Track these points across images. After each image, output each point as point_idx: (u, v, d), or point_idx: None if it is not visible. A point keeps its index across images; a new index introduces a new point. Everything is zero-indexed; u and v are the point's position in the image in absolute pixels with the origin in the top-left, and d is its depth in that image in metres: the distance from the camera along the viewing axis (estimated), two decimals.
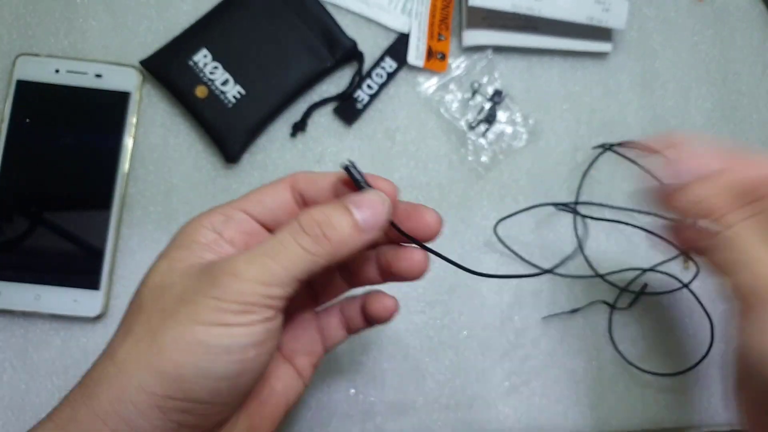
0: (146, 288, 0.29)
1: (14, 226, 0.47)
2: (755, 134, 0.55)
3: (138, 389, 0.26)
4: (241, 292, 0.27)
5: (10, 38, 0.50)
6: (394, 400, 0.48)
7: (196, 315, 0.27)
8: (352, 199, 0.30)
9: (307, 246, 0.28)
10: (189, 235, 0.30)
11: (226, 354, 0.27)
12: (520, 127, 0.53)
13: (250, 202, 0.32)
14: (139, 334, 0.28)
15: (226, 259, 0.28)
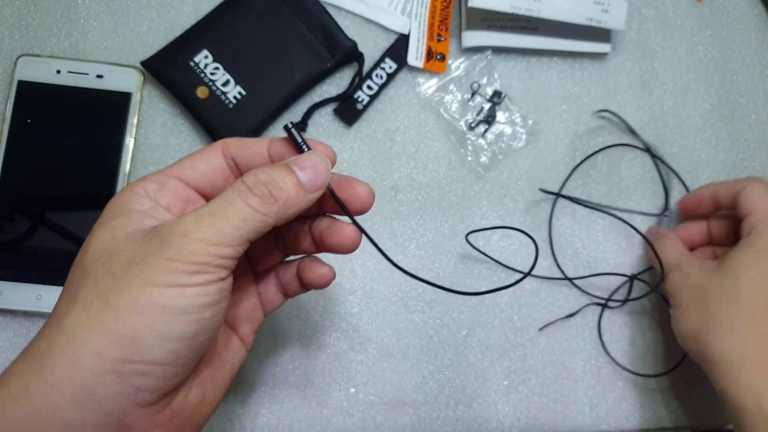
0: (88, 255, 0.28)
1: (16, 226, 0.47)
2: (753, 135, 0.55)
3: (94, 355, 0.26)
4: (193, 252, 0.27)
5: (12, 39, 0.50)
6: (394, 400, 0.48)
7: (150, 277, 0.26)
8: (294, 160, 0.31)
9: (255, 205, 0.28)
10: (124, 204, 0.30)
11: (183, 314, 0.27)
12: (519, 127, 0.53)
13: (182, 168, 0.32)
14: (87, 300, 0.27)
15: (174, 221, 0.28)
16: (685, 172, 0.54)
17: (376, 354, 0.49)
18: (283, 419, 0.47)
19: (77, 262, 0.29)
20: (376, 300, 0.50)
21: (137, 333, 0.26)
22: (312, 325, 0.49)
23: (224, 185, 0.32)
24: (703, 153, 0.54)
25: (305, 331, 0.49)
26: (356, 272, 0.50)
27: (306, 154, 0.31)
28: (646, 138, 0.53)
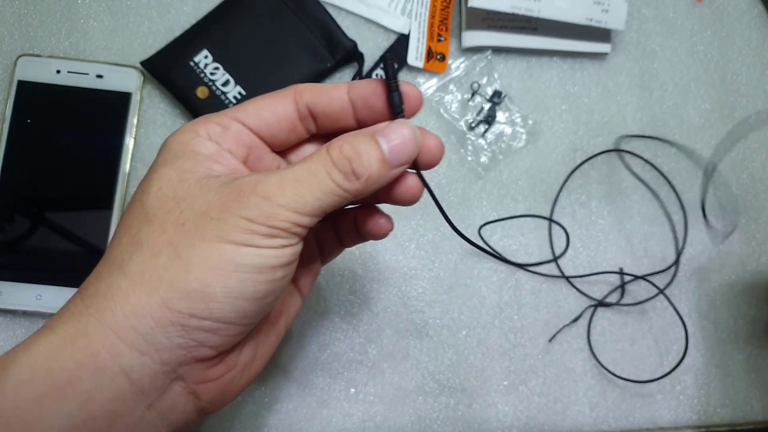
0: (154, 197, 0.27)
1: (16, 226, 0.47)
2: (753, 135, 0.55)
3: (160, 306, 0.25)
4: (272, 215, 0.26)
5: (12, 39, 0.50)
6: (394, 400, 0.48)
7: (226, 233, 0.26)
8: (381, 130, 0.29)
9: (338, 180, 0.27)
10: (186, 145, 0.29)
11: (256, 273, 0.26)
12: (519, 127, 0.53)
13: (246, 113, 0.30)
14: (155, 247, 0.26)
15: (254, 178, 0.27)
16: (686, 172, 0.54)
17: (376, 354, 0.49)
18: (283, 419, 0.47)
19: (136, 201, 0.28)
20: (376, 300, 0.49)
21: (208, 288, 0.26)
22: (312, 325, 0.49)
23: (289, 135, 0.31)
24: (703, 153, 0.54)
25: (305, 331, 0.49)
26: (356, 272, 0.50)
27: (395, 124, 0.30)
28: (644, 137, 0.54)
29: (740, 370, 0.51)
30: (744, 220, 0.54)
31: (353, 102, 0.31)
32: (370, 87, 0.31)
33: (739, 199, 0.54)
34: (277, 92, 0.31)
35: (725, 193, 0.53)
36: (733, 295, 0.52)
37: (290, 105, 0.31)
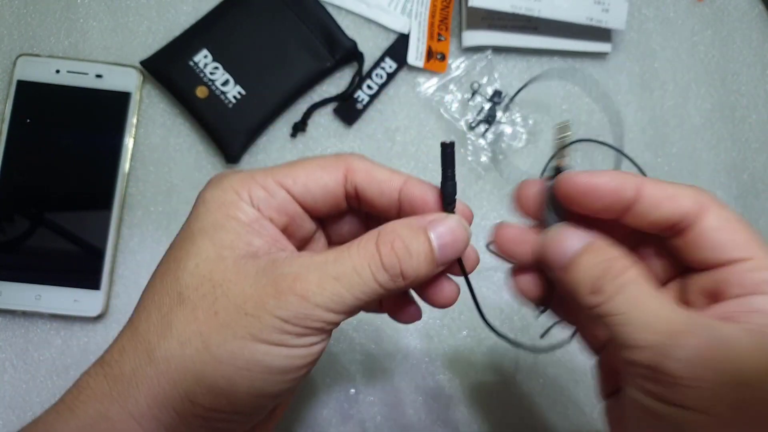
0: (189, 276, 0.26)
1: (15, 226, 0.47)
2: (754, 134, 0.55)
3: (183, 398, 0.25)
4: (308, 317, 0.25)
5: (11, 38, 0.50)
6: (394, 400, 0.48)
7: (258, 332, 0.25)
8: (432, 224, 0.27)
9: (384, 282, 0.26)
10: (227, 209, 0.27)
11: (282, 374, 0.26)
12: (519, 127, 0.53)
13: (295, 183, 0.28)
14: (184, 335, 0.25)
15: (291, 268, 0.25)
16: (686, 172, 0.54)
17: (377, 354, 0.49)
18: (283, 420, 0.47)
19: (171, 273, 0.26)
20: None
21: (234, 387, 0.25)
22: None
23: (331, 209, 0.30)
24: (704, 153, 0.54)
25: None
26: None
27: (448, 220, 0.28)
28: (644, 139, 0.53)
29: None
30: (744, 220, 0.53)
31: (401, 201, 0.29)
32: (423, 194, 0.29)
33: (739, 199, 0.54)
34: (328, 162, 0.29)
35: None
36: None
37: (340, 182, 0.29)
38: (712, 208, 0.27)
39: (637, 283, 0.25)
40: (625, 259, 0.26)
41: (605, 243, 0.27)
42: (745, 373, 0.23)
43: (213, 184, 0.28)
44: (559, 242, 0.28)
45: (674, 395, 0.24)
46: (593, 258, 0.27)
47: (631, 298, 0.25)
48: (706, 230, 0.26)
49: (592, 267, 0.26)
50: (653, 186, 0.27)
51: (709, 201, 0.27)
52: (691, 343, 0.24)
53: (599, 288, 0.26)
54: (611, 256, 0.26)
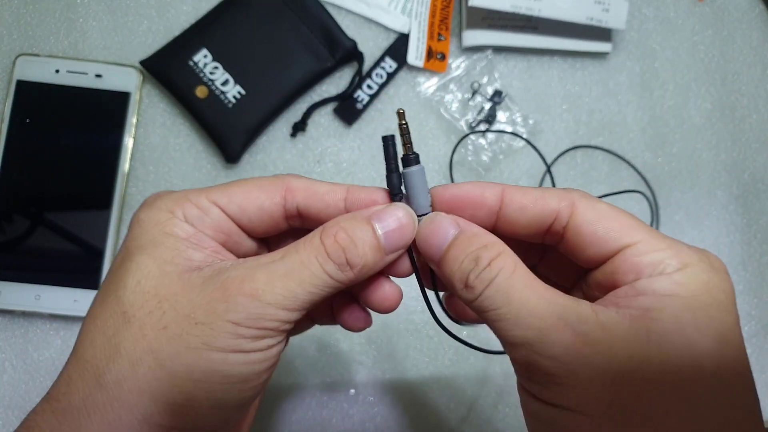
0: (132, 294, 0.25)
1: (14, 226, 0.47)
2: (754, 134, 0.55)
3: (141, 421, 0.23)
4: (261, 316, 0.24)
5: (11, 38, 0.50)
6: (394, 400, 0.48)
7: (212, 340, 0.23)
8: (376, 214, 0.27)
9: (332, 272, 0.25)
10: (162, 227, 0.26)
11: (242, 382, 0.25)
12: (519, 127, 0.53)
13: (229, 202, 0.27)
14: (134, 355, 0.24)
15: (238, 271, 0.25)
16: (686, 171, 0.53)
17: (376, 355, 0.49)
18: (283, 419, 0.47)
19: (111, 293, 0.25)
20: None
21: (192, 402, 0.24)
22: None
23: (269, 229, 0.29)
24: (704, 153, 0.54)
25: (305, 333, 0.48)
26: None
27: (391, 208, 0.27)
28: (645, 139, 0.53)
29: None
30: (745, 220, 0.53)
31: (348, 209, 0.28)
32: (370, 198, 0.28)
33: (740, 199, 0.54)
34: (265, 182, 0.28)
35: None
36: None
37: (278, 203, 0.28)
38: (581, 204, 0.26)
39: (508, 273, 0.24)
40: (495, 247, 0.25)
41: (475, 229, 0.26)
42: (621, 367, 0.22)
43: (146, 205, 0.27)
44: (431, 233, 0.26)
45: (549, 394, 0.23)
46: (462, 249, 0.25)
47: (503, 291, 0.24)
48: (581, 226, 0.25)
49: (461, 260, 0.25)
50: (516, 191, 0.26)
51: (577, 197, 0.26)
52: (563, 337, 0.23)
53: (471, 282, 0.24)
54: (479, 244, 0.25)
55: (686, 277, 0.23)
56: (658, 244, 0.24)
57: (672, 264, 0.24)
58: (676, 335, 0.22)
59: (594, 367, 0.22)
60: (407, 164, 0.28)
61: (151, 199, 0.27)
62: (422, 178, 0.28)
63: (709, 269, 0.24)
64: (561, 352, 0.23)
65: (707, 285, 0.24)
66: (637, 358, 0.22)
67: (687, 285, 0.23)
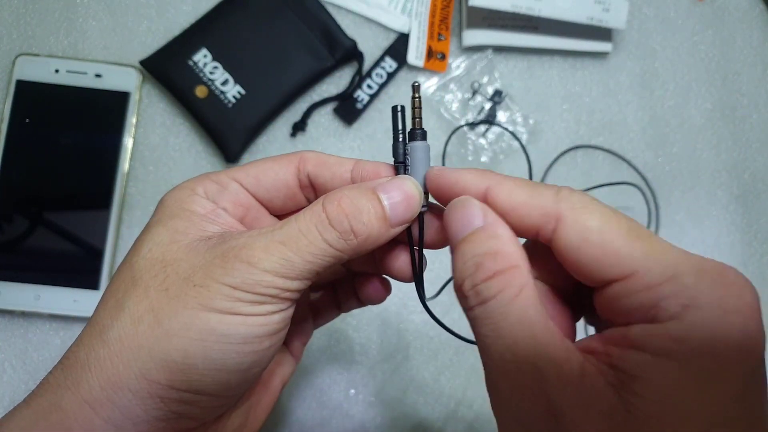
0: (142, 260, 0.26)
1: (14, 226, 0.47)
2: (755, 134, 0.55)
3: (138, 376, 0.24)
4: (257, 282, 0.24)
5: (10, 38, 0.50)
6: (394, 401, 0.48)
7: (208, 300, 0.24)
8: (382, 185, 0.26)
9: (332, 241, 0.25)
10: (182, 203, 0.27)
11: (241, 344, 0.25)
12: (520, 127, 0.53)
13: (246, 176, 0.29)
14: (136, 314, 0.25)
15: (239, 240, 0.25)
16: (686, 171, 0.53)
17: (376, 355, 0.48)
18: (283, 420, 0.47)
19: (127, 261, 0.27)
20: None
21: (189, 360, 0.24)
22: None
23: (286, 201, 0.30)
24: (704, 153, 0.54)
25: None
26: None
27: (398, 180, 0.27)
28: (645, 140, 0.53)
29: None
30: (745, 220, 0.53)
31: (354, 180, 0.28)
32: (375, 170, 0.28)
33: (740, 199, 0.54)
34: (282, 157, 0.29)
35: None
36: None
37: (292, 172, 0.29)
38: (567, 219, 0.22)
39: (508, 298, 0.22)
40: (505, 259, 0.22)
41: (499, 230, 0.23)
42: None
43: (174, 187, 0.29)
44: (457, 217, 0.24)
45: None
46: (473, 247, 0.23)
47: (494, 317, 0.22)
48: (564, 249, 0.22)
49: (467, 258, 0.23)
50: (500, 191, 0.24)
51: (565, 208, 0.22)
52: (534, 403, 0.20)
53: (464, 289, 0.23)
54: (491, 249, 0.22)
55: (685, 329, 0.19)
56: (654, 277, 0.20)
57: (669, 307, 0.19)
58: (658, 426, 0.19)
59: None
60: (413, 138, 0.27)
61: (178, 185, 0.29)
62: (427, 154, 0.27)
63: (723, 304, 0.19)
64: (525, 415, 0.21)
65: (716, 335, 0.19)
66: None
67: (688, 340, 0.19)
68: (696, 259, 0.20)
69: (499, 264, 0.22)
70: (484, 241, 0.23)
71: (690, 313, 0.19)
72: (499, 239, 0.23)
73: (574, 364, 0.20)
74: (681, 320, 0.19)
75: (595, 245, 0.21)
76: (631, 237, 0.21)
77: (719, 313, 0.19)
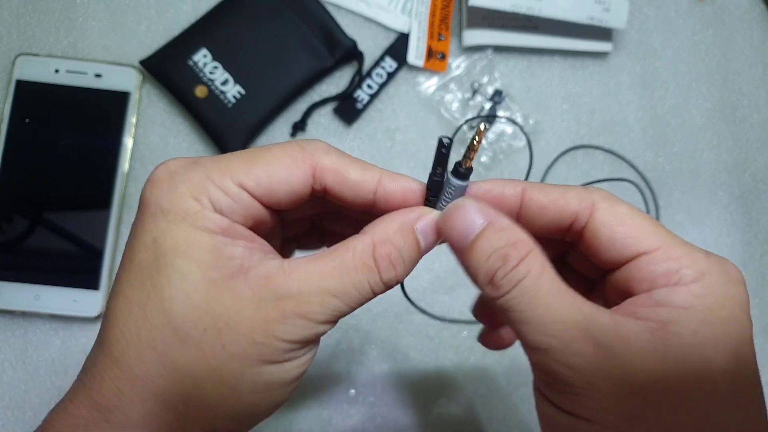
0: (181, 307, 0.24)
1: (14, 226, 0.47)
2: (755, 134, 0.55)
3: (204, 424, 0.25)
4: (309, 334, 0.25)
5: (10, 38, 0.50)
6: (394, 401, 0.48)
7: (270, 356, 0.24)
8: (424, 230, 0.26)
9: (378, 290, 0.26)
10: (193, 220, 0.25)
11: (293, 382, 0.26)
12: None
13: (256, 184, 0.26)
14: (197, 375, 0.24)
15: (290, 289, 0.24)
16: (687, 171, 0.53)
17: (377, 355, 0.48)
18: (282, 420, 0.47)
19: (155, 305, 0.24)
20: (377, 301, 0.49)
21: (258, 410, 0.26)
22: None
23: (294, 203, 0.27)
24: (705, 153, 0.54)
25: None
26: None
27: (431, 214, 0.27)
28: (645, 140, 0.53)
29: None
30: (745, 220, 0.53)
31: (377, 200, 0.27)
32: (402, 195, 0.27)
33: (741, 199, 0.54)
34: (291, 161, 0.26)
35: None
36: None
37: (307, 183, 0.26)
38: (601, 206, 0.25)
39: (536, 276, 0.23)
40: (524, 245, 0.24)
41: (503, 222, 0.25)
42: (638, 381, 0.22)
43: (161, 182, 0.25)
44: (458, 220, 0.25)
45: (566, 402, 0.24)
46: (491, 243, 0.24)
47: (529, 294, 0.23)
48: (599, 229, 0.25)
49: (488, 254, 0.24)
50: (537, 191, 0.26)
51: (598, 198, 0.25)
52: (584, 349, 0.22)
53: (497, 280, 0.24)
54: (509, 240, 0.24)
55: (703, 289, 0.23)
56: (675, 252, 0.24)
57: (688, 274, 0.24)
58: (694, 351, 0.23)
59: (612, 381, 0.22)
60: (459, 176, 0.26)
61: (164, 173, 0.26)
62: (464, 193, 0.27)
63: (726, 280, 0.24)
64: (581, 363, 0.23)
65: (724, 298, 0.24)
66: (656, 373, 0.22)
67: (704, 298, 0.23)
68: (701, 249, 0.25)
69: (522, 251, 0.24)
70: (499, 235, 0.24)
71: (705, 278, 0.24)
72: (510, 230, 0.25)
73: (606, 315, 0.23)
74: (699, 283, 0.23)
75: (629, 225, 0.25)
76: (654, 222, 0.25)
77: (726, 280, 0.24)
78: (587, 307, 0.23)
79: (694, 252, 0.24)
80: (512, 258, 0.24)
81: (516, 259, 0.24)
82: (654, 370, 0.22)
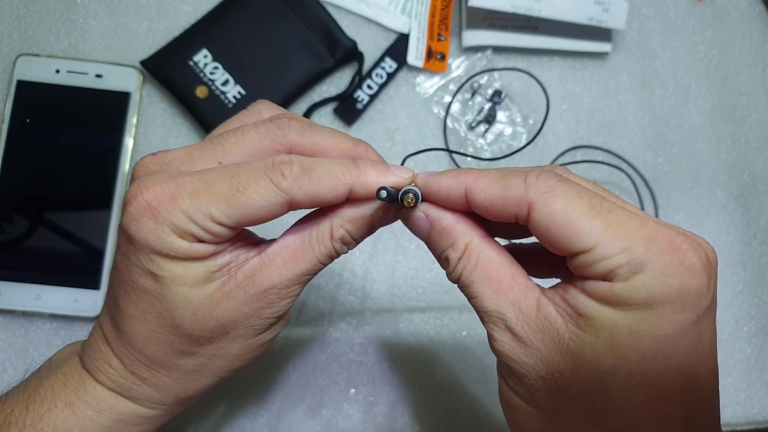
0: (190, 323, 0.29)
1: (15, 226, 0.47)
2: (754, 134, 0.55)
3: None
4: (290, 304, 0.31)
5: (11, 38, 0.50)
6: (394, 400, 0.48)
7: (259, 329, 0.31)
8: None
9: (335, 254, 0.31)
10: (185, 253, 0.27)
11: (266, 344, 0.33)
12: (519, 127, 0.53)
13: (236, 222, 0.28)
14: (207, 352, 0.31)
15: (273, 279, 0.29)
16: (686, 171, 0.54)
17: (376, 355, 0.49)
18: (282, 419, 0.47)
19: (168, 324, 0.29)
20: (376, 300, 0.49)
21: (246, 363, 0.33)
22: (311, 325, 0.49)
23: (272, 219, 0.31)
24: (704, 153, 0.54)
25: (305, 332, 0.48)
26: (356, 272, 0.50)
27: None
28: (645, 141, 0.53)
29: (740, 370, 0.51)
30: (745, 220, 0.53)
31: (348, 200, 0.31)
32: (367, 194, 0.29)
33: (740, 199, 0.54)
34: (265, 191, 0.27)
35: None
36: (734, 295, 0.52)
37: (284, 207, 0.28)
38: (537, 205, 0.25)
39: (470, 270, 0.27)
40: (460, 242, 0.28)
41: (443, 223, 0.28)
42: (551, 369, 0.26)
43: (148, 223, 0.27)
44: (414, 227, 0.30)
45: (510, 381, 0.29)
46: (436, 245, 0.29)
47: (467, 284, 0.28)
48: (535, 228, 0.26)
49: (438, 254, 0.29)
50: (479, 190, 0.27)
51: (534, 197, 0.25)
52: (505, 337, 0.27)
53: (448, 273, 0.28)
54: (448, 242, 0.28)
55: (630, 287, 0.24)
56: (611, 249, 0.24)
57: (623, 272, 0.24)
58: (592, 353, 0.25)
59: (531, 366, 0.27)
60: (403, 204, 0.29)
61: (144, 209, 0.27)
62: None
63: (667, 273, 0.23)
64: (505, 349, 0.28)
65: (652, 293, 0.23)
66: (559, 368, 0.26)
67: (626, 297, 0.24)
68: (649, 229, 0.24)
69: (458, 251, 0.28)
70: (439, 238, 0.29)
71: (636, 278, 0.24)
72: (448, 232, 0.28)
73: (530, 299, 0.26)
74: (627, 283, 0.24)
75: (561, 225, 0.25)
76: (593, 215, 0.25)
77: (660, 277, 0.23)
78: (514, 292, 0.27)
79: (632, 243, 0.24)
80: (452, 260, 0.28)
81: (455, 260, 0.28)
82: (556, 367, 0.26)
